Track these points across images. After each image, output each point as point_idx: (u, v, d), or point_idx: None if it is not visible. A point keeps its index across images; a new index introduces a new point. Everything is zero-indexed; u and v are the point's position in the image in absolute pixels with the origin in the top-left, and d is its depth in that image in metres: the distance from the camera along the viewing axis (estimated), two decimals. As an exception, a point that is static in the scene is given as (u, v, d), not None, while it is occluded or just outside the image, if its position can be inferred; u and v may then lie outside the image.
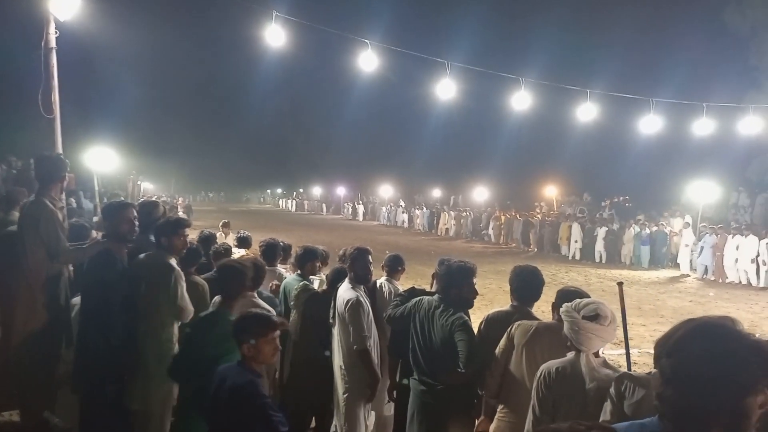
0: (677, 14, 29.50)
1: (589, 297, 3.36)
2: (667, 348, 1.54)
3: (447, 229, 32.46)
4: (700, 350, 1.46)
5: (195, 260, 4.98)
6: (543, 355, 3.11)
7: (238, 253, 6.86)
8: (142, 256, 4.13)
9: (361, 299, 4.29)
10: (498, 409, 3.44)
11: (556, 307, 3.41)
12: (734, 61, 22.69)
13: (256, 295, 4.32)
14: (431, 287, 4.48)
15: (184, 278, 4.16)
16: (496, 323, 3.75)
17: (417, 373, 3.83)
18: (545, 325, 3.39)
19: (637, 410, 2.29)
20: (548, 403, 2.76)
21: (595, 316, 2.77)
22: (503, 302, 4.02)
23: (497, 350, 3.41)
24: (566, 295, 3.37)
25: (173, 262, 4.15)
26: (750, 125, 14.66)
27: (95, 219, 9.64)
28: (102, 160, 12.40)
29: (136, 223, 4.29)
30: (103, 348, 3.96)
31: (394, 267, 4.95)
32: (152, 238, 4.29)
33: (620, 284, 3.34)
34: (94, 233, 5.30)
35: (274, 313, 4.12)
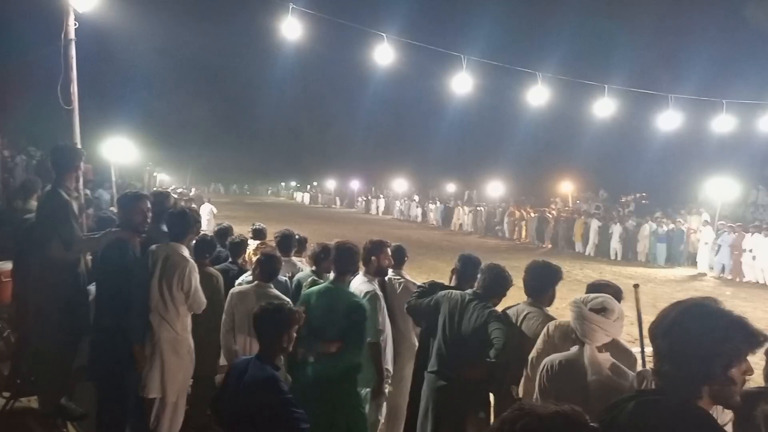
0: (697, 9, 29.05)
1: (619, 289, 3.35)
2: (662, 329, 1.76)
3: (461, 224, 32.36)
4: (691, 329, 1.69)
5: (210, 251, 5.02)
6: None
7: (253, 244, 6.90)
8: (154, 246, 4.17)
9: (379, 292, 4.31)
10: None
11: None
12: (755, 57, 22.35)
13: (272, 286, 4.34)
14: (450, 282, 4.47)
15: (197, 269, 4.20)
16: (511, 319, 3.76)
17: (438, 365, 3.81)
18: None
19: None
20: (550, 396, 2.75)
21: (602, 309, 2.75)
22: (516, 299, 4.01)
23: (535, 352, 3.32)
24: (597, 288, 3.33)
25: (186, 252, 4.19)
26: (771, 122, 14.41)
27: (111, 209, 9.76)
28: (119, 151, 12.52)
29: (149, 214, 4.34)
30: (118, 337, 4.02)
31: (400, 258, 4.97)
32: (164, 228, 4.34)
33: (636, 286, 3.31)
34: None
35: (290, 303, 4.16)
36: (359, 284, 4.37)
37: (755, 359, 2.77)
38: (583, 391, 2.61)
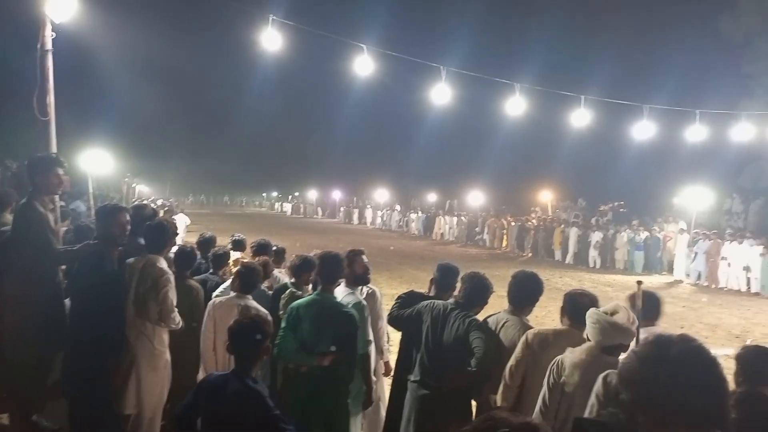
0: (671, 21, 29.78)
1: (596, 298, 3.40)
2: (645, 376, 1.53)
3: (442, 233, 32.48)
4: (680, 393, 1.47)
5: (190, 264, 4.96)
6: None
7: (232, 256, 6.84)
8: (132, 259, 4.12)
9: (364, 302, 4.30)
10: None
11: (565, 311, 3.42)
12: (727, 68, 22.87)
13: (251, 297, 4.31)
14: (429, 291, 4.48)
15: (174, 283, 4.15)
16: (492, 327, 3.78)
17: (420, 374, 3.82)
18: (560, 331, 3.38)
19: None
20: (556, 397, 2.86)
21: (614, 312, 2.87)
22: (498, 307, 4.04)
23: (513, 360, 3.35)
24: (574, 297, 3.40)
25: (164, 265, 4.15)
26: (743, 132, 14.74)
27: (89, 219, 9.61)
28: (97, 163, 12.36)
29: (128, 227, 4.29)
30: (93, 351, 3.95)
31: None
32: (141, 241, 4.29)
33: (639, 282, 3.36)
34: None
35: (268, 315, 4.13)
36: (343, 296, 4.33)
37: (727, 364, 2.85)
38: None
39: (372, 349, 4.35)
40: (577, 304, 3.33)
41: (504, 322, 3.74)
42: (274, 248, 6.10)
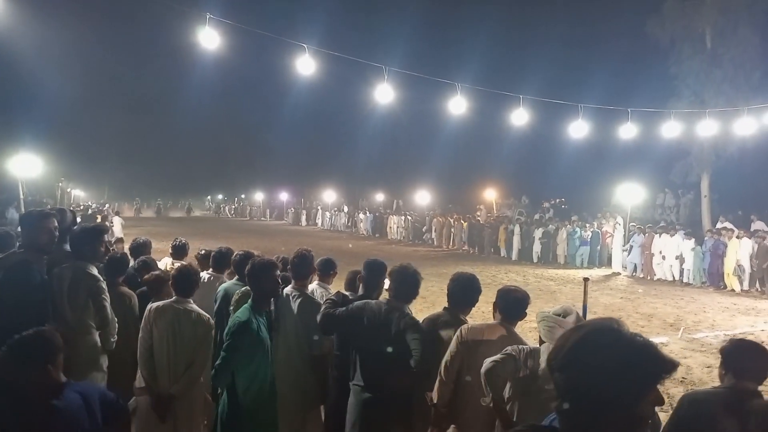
0: (604, 26, 31.15)
1: (527, 294, 3.51)
2: (558, 362, 1.48)
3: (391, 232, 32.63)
4: (592, 363, 1.41)
5: (122, 270, 4.78)
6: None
7: (167, 262, 6.49)
8: (58, 268, 3.93)
9: (321, 302, 4.27)
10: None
11: (498, 306, 3.50)
12: (655, 69, 23.99)
13: (191, 301, 4.20)
14: (358, 290, 4.45)
15: (107, 290, 4.01)
16: (431, 327, 3.83)
17: (362, 378, 3.77)
18: (493, 325, 3.44)
19: None
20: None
21: (564, 314, 2.99)
22: (444, 305, 4.09)
23: (448, 355, 3.38)
24: (506, 293, 3.49)
25: (95, 271, 4.00)
26: (671, 130, 15.53)
27: (19, 229, 9.14)
28: (27, 167, 11.82)
29: (56, 233, 4.10)
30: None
31: (326, 271, 4.90)
32: (67, 247, 4.11)
33: (586, 279, 3.46)
34: None
35: (210, 319, 4.05)
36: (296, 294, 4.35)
37: (712, 360, 3.04)
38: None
39: None
40: (509, 300, 3.44)
41: (442, 320, 3.80)
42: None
